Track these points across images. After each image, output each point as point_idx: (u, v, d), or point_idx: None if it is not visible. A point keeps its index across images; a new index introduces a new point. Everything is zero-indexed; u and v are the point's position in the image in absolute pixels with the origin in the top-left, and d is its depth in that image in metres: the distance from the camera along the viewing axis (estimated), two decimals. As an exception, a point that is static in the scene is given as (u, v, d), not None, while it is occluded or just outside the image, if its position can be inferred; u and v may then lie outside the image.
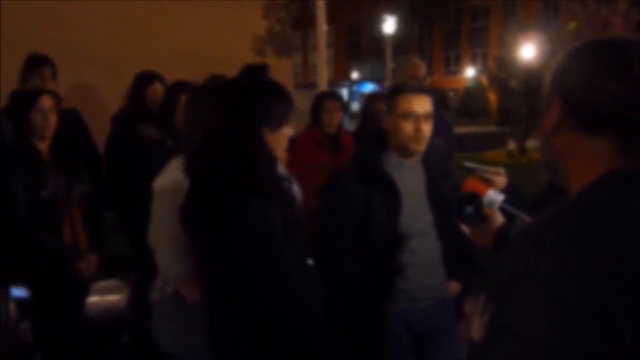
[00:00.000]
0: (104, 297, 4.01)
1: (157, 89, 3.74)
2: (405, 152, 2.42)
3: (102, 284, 3.99)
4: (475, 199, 1.78)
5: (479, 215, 1.76)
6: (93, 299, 3.67)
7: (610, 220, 0.87)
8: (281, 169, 2.01)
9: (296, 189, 2.09)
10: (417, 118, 2.36)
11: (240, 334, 1.84)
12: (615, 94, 0.92)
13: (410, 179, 2.45)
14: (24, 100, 2.98)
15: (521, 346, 0.81)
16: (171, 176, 2.30)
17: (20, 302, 3.04)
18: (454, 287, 2.59)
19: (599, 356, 0.78)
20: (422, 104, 2.39)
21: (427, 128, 2.38)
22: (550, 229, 0.88)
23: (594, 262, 0.82)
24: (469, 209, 1.77)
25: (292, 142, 1.98)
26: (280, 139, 1.90)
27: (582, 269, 0.82)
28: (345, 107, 4.38)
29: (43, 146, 2.98)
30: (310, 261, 1.95)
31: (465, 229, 1.80)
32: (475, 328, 0.88)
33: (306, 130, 4.11)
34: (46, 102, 2.96)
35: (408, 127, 2.36)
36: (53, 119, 2.97)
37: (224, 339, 1.90)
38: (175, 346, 2.49)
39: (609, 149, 0.93)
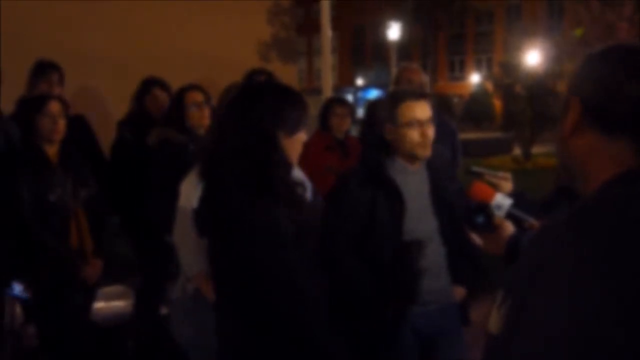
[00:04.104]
0: (109, 303, 4.01)
1: (156, 95, 3.76)
2: (412, 158, 2.45)
3: (107, 289, 4.00)
4: (486, 208, 1.78)
5: (490, 224, 1.76)
6: (98, 305, 3.67)
7: (627, 218, 0.87)
8: (299, 174, 2.01)
9: (310, 194, 2.10)
10: (421, 124, 2.39)
11: (247, 332, 1.85)
12: (632, 97, 0.94)
13: (414, 183, 2.46)
14: (33, 104, 3.02)
15: (542, 339, 0.82)
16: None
17: (25, 305, 3.05)
18: (460, 292, 2.59)
19: (619, 350, 0.79)
20: (423, 110, 2.42)
21: (431, 132, 2.42)
22: (568, 227, 0.89)
23: (613, 258, 0.83)
24: (480, 219, 1.77)
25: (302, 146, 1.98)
26: (295, 145, 1.91)
27: (603, 264, 0.82)
28: (353, 112, 4.39)
29: (51, 150, 3.00)
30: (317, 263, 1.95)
31: (476, 238, 1.80)
32: (493, 321, 0.89)
33: (315, 135, 4.13)
34: (54, 107, 3.00)
35: (414, 134, 2.39)
36: (61, 124, 3.01)
37: (232, 337, 1.92)
38: (191, 341, 2.57)
39: (626, 151, 0.95)
